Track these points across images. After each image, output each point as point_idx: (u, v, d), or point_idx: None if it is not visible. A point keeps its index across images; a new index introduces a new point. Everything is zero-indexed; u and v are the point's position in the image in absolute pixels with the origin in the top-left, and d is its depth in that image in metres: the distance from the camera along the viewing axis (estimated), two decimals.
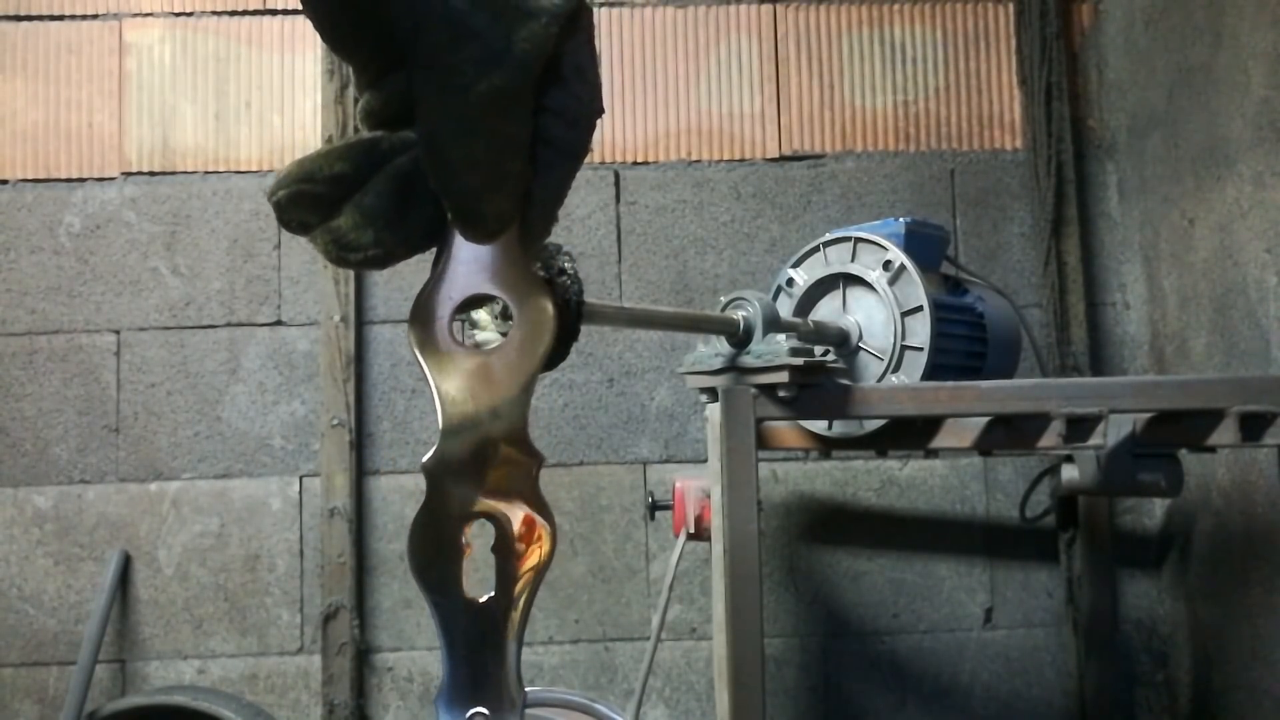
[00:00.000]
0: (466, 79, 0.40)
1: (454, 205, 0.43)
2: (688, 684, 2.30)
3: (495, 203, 0.43)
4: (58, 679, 2.23)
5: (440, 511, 0.43)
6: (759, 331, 1.40)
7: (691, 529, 1.88)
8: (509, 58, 0.40)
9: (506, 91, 0.41)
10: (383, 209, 0.44)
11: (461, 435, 0.43)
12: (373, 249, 0.44)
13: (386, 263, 0.45)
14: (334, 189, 0.43)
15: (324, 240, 0.44)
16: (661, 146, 2.41)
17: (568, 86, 0.44)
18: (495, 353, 0.44)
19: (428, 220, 0.45)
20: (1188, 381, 1.48)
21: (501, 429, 0.43)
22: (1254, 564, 1.95)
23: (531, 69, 0.41)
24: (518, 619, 0.43)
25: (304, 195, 0.43)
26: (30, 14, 2.37)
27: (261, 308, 2.33)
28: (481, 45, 0.40)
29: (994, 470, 2.35)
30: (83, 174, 2.35)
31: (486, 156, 0.42)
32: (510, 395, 0.44)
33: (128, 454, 2.29)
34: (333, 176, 0.43)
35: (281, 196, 0.43)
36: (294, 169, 0.43)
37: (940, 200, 2.41)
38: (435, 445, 0.43)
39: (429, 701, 2.27)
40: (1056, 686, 2.31)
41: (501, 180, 0.43)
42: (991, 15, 2.45)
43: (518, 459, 0.43)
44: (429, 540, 0.42)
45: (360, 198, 0.43)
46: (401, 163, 0.44)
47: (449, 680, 0.42)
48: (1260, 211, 1.88)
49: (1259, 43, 1.87)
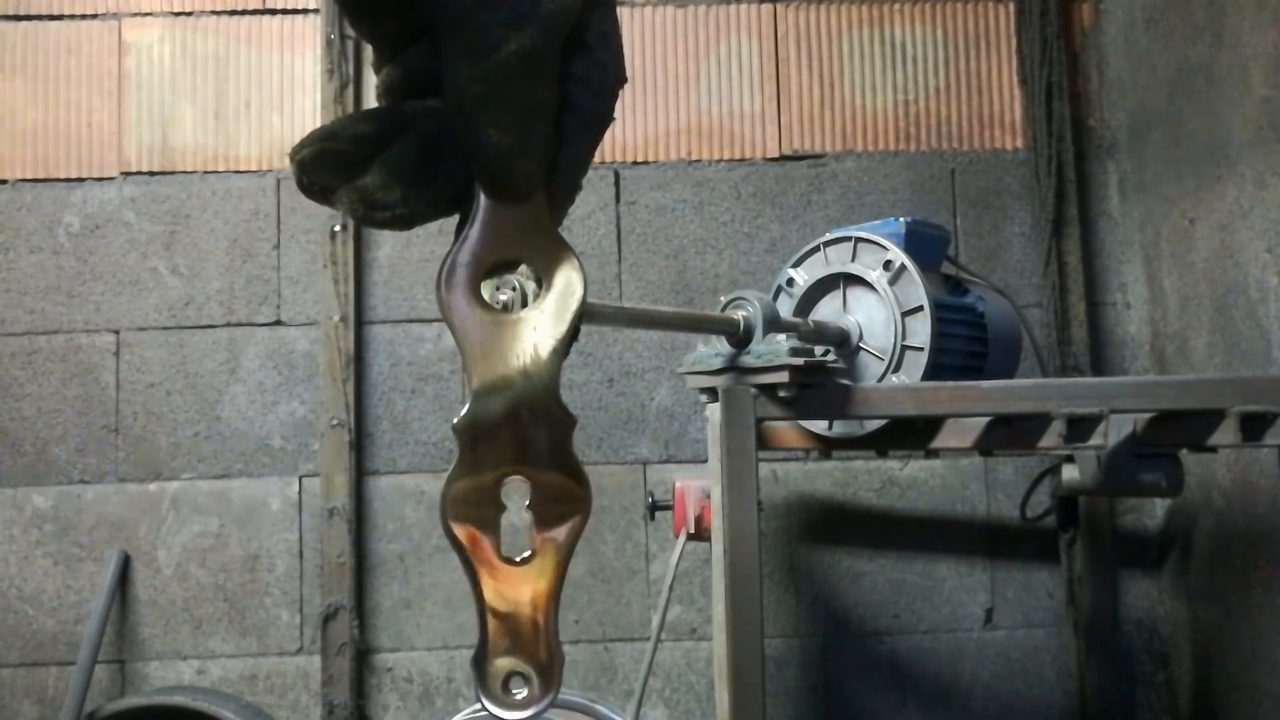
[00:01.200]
0: (494, 39, 0.40)
1: (481, 167, 0.43)
2: (688, 684, 2.30)
3: (522, 165, 0.43)
4: (57, 679, 2.22)
5: (474, 470, 0.42)
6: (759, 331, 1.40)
7: (691, 529, 1.88)
8: (536, 19, 0.40)
9: (533, 53, 0.40)
10: (410, 168, 0.43)
11: (493, 396, 0.43)
12: (400, 207, 0.43)
13: (412, 222, 0.45)
14: (359, 147, 0.43)
15: (350, 199, 0.43)
16: (661, 146, 2.40)
17: (593, 54, 0.44)
18: (525, 316, 0.44)
19: (454, 183, 0.44)
20: (1188, 381, 1.48)
21: (533, 390, 0.43)
22: (1255, 564, 1.95)
23: (558, 31, 0.41)
24: (555, 578, 0.42)
25: (328, 153, 0.43)
26: (29, 14, 2.36)
27: (261, 308, 2.33)
28: (509, 6, 0.40)
29: (994, 470, 2.35)
30: (82, 174, 2.35)
31: (513, 118, 0.42)
32: (542, 358, 0.43)
33: (127, 454, 2.28)
34: (357, 135, 0.43)
35: (306, 154, 0.43)
36: (317, 131, 0.43)
37: (941, 200, 2.41)
38: (467, 405, 0.43)
39: (429, 702, 2.27)
40: (1057, 687, 2.31)
41: (528, 142, 0.43)
42: (992, 15, 2.45)
43: (551, 420, 0.43)
44: (463, 499, 0.42)
45: (388, 155, 0.43)
46: (429, 124, 0.44)
47: (485, 640, 0.42)
48: (1261, 211, 1.87)
49: (1260, 42, 1.87)
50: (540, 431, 0.43)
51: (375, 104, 0.47)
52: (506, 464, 0.43)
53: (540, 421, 0.43)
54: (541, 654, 0.42)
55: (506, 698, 0.42)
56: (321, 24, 2.35)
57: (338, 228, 2.29)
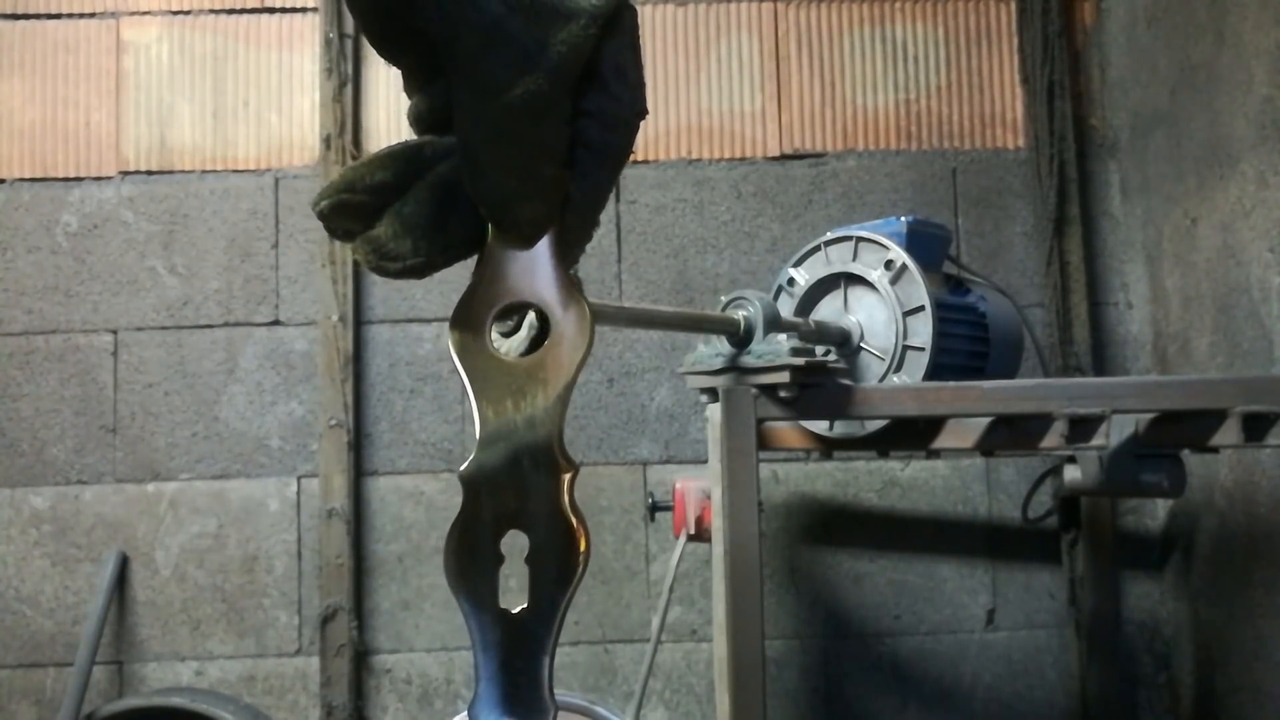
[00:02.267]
0: (500, 84, 0.40)
1: (488, 210, 0.43)
2: (688, 686, 2.29)
3: (529, 208, 0.43)
4: (55, 680, 2.22)
5: (477, 520, 0.43)
6: (760, 331, 1.39)
7: (692, 530, 1.87)
8: (544, 62, 0.40)
9: (540, 97, 0.40)
10: (421, 218, 0.44)
11: (498, 445, 0.43)
12: (411, 258, 0.44)
13: (426, 271, 0.45)
14: (375, 198, 0.44)
15: (364, 250, 0.44)
16: (662, 145, 2.40)
17: (607, 88, 0.43)
18: (533, 361, 0.44)
19: (469, 228, 0.44)
20: (1190, 382, 1.47)
21: (537, 439, 0.43)
22: (1257, 565, 1.94)
23: (567, 74, 0.41)
24: (551, 632, 0.43)
25: (346, 205, 0.44)
26: (28, 13, 2.36)
27: (259, 307, 2.32)
28: (516, 50, 0.40)
29: (996, 471, 2.34)
30: (80, 173, 2.34)
31: (520, 162, 0.42)
32: (547, 405, 0.43)
33: (125, 454, 2.28)
34: (374, 185, 0.44)
35: (325, 206, 0.44)
36: (337, 179, 0.44)
37: (942, 199, 2.40)
38: (473, 454, 0.43)
39: (428, 703, 2.26)
40: (1059, 688, 2.30)
41: (536, 185, 0.43)
42: (993, 13, 2.44)
43: (551, 470, 0.43)
44: (465, 549, 0.43)
45: (400, 206, 0.44)
46: (442, 170, 0.44)
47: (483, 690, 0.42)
48: (1263, 211, 1.87)
49: (1262, 41, 1.86)
50: (541, 482, 0.43)
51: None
52: (506, 517, 0.43)
53: (541, 471, 0.43)
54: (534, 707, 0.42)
55: None
56: (320, 23, 2.35)
57: None
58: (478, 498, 0.43)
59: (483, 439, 0.43)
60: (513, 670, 0.42)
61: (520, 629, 0.42)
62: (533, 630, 0.42)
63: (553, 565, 0.43)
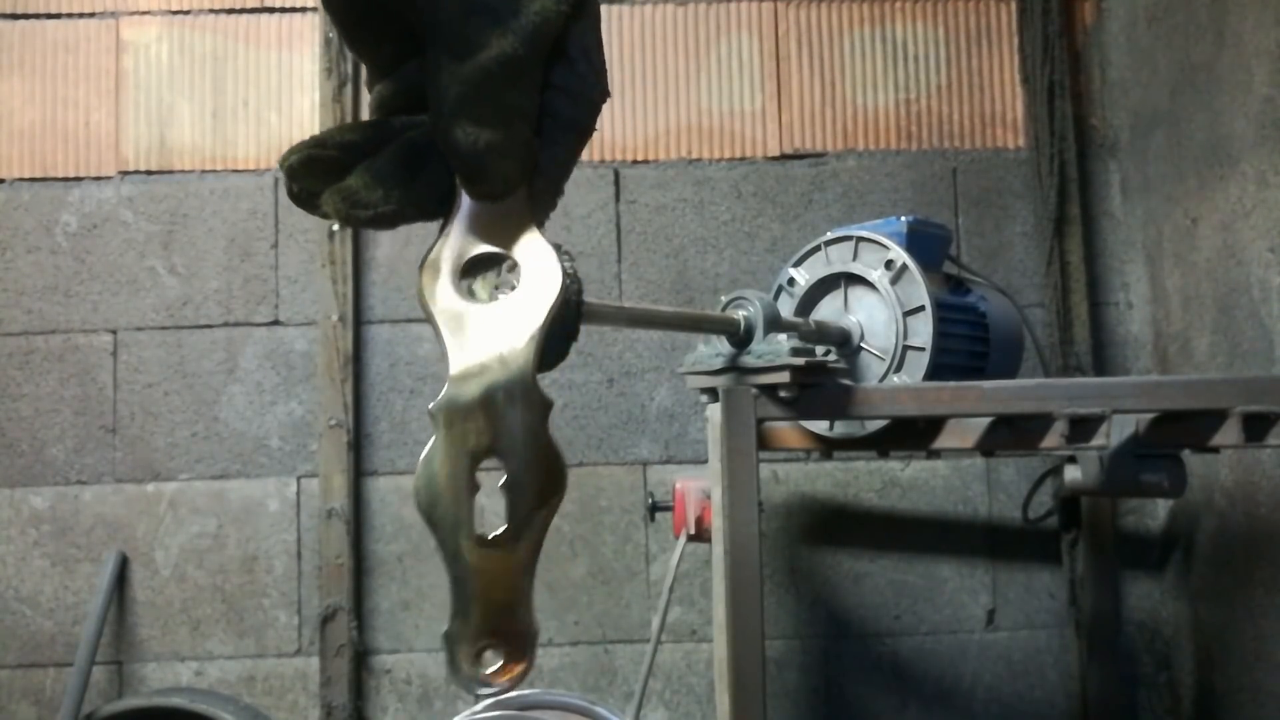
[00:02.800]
0: (477, 44, 0.42)
1: (460, 163, 0.45)
2: (688, 686, 2.29)
3: (500, 162, 0.45)
4: (55, 680, 2.21)
5: (450, 451, 0.43)
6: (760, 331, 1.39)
7: (692, 530, 1.87)
8: (518, 28, 0.42)
9: (514, 59, 0.42)
10: (393, 171, 0.45)
11: (470, 381, 0.44)
12: (383, 205, 0.45)
13: (396, 221, 0.46)
14: (345, 154, 0.45)
15: (334, 200, 0.45)
16: (662, 145, 2.39)
17: (574, 66, 0.46)
18: (502, 305, 0.45)
19: (438, 187, 0.46)
20: (1191, 382, 1.47)
21: (511, 374, 0.44)
22: (1257, 565, 1.94)
23: (539, 42, 0.43)
24: (529, 555, 0.43)
25: (316, 160, 0.45)
26: (27, 12, 2.36)
27: (259, 307, 2.32)
28: (492, 16, 0.42)
29: (996, 471, 2.34)
30: (79, 173, 2.34)
31: (493, 117, 0.43)
32: (518, 344, 0.44)
33: (125, 454, 2.27)
34: (344, 143, 0.45)
35: (294, 160, 0.45)
36: (306, 140, 0.45)
37: (942, 199, 2.40)
38: (444, 390, 0.44)
39: (428, 704, 2.26)
40: (1059, 688, 2.30)
41: (508, 144, 0.44)
42: (993, 13, 2.44)
43: (528, 403, 0.44)
44: (438, 478, 0.43)
45: (372, 161, 0.45)
46: (413, 135, 0.46)
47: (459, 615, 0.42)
48: (1263, 211, 1.86)
49: (1262, 41, 1.86)
50: (516, 414, 0.44)
51: None
52: (482, 446, 0.43)
53: (516, 404, 0.44)
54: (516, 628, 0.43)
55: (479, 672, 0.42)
56: (320, 22, 2.35)
57: (335, 227, 2.28)
58: (451, 429, 0.43)
59: (455, 376, 0.44)
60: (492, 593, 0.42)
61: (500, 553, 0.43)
62: (513, 554, 0.43)
63: (533, 490, 0.43)
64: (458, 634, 0.42)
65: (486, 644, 0.42)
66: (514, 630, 0.42)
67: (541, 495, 0.44)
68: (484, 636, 0.42)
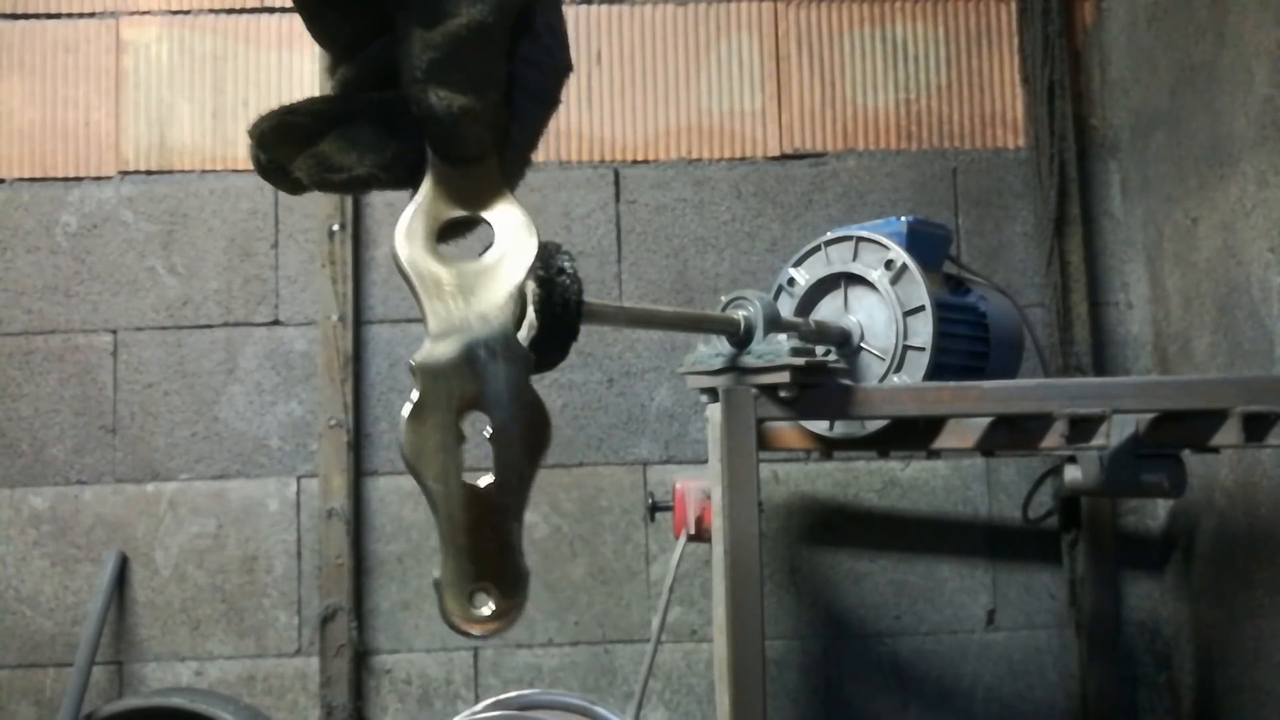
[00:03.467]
0: (448, 11, 0.43)
1: (433, 127, 0.45)
2: (688, 686, 2.29)
3: (473, 126, 0.45)
4: (55, 681, 2.21)
5: (434, 403, 0.44)
6: (760, 331, 1.39)
7: (692, 530, 1.87)
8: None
9: (484, 26, 0.43)
10: (367, 137, 0.46)
11: (450, 337, 0.45)
12: (357, 168, 0.46)
13: (369, 185, 0.47)
14: (316, 121, 0.46)
15: (306, 165, 0.46)
16: (662, 145, 2.39)
17: (540, 40, 0.47)
18: (480, 265, 0.46)
19: (409, 153, 0.47)
20: (1191, 382, 1.47)
21: (492, 330, 0.45)
22: (1257, 565, 1.94)
23: (506, 10, 0.44)
24: (522, 501, 0.44)
25: (286, 125, 0.45)
26: (27, 12, 2.36)
27: (259, 307, 2.32)
28: None
29: (996, 471, 2.34)
30: (79, 173, 2.34)
31: (464, 82, 0.44)
32: (497, 301, 0.45)
33: (125, 454, 2.27)
34: (315, 111, 0.46)
35: (265, 127, 0.45)
36: (276, 109, 0.46)
37: (942, 199, 2.40)
38: (424, 345, 0.44)
39: (428, 704, 2.26)
40: (1059, 688, 2.30)
41: (481, 108, 0.45)
42: (993, 13, 2.44)
43: (509, 358, 0.45)
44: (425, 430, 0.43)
45: (344, 128, 0.46)
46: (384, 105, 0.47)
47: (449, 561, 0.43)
48: (1264, 210, 1.86)
49: (1262, 41, 1.86)
50: (499, 368, 0.45)
51: None
52: (466, 398, 0.44)
53: (499, 359, 0.45)
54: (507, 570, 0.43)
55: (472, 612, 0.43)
56: None
57: (336, 227, 2.28)
58: (434, 383, 0.44)
59: (434, 334, 0.44)
60: (481, 538, 0.43)
61: (488, 500, 0.44)
62: (501, 500, 0.44)
63: (518, 441, 0.44)
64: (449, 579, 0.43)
65: (477, 587, 0.43)
66: (504, 573, 0.43)
67: (528, 446, 0.44)
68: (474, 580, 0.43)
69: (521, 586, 0.44)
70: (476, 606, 0.43)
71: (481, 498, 0.44)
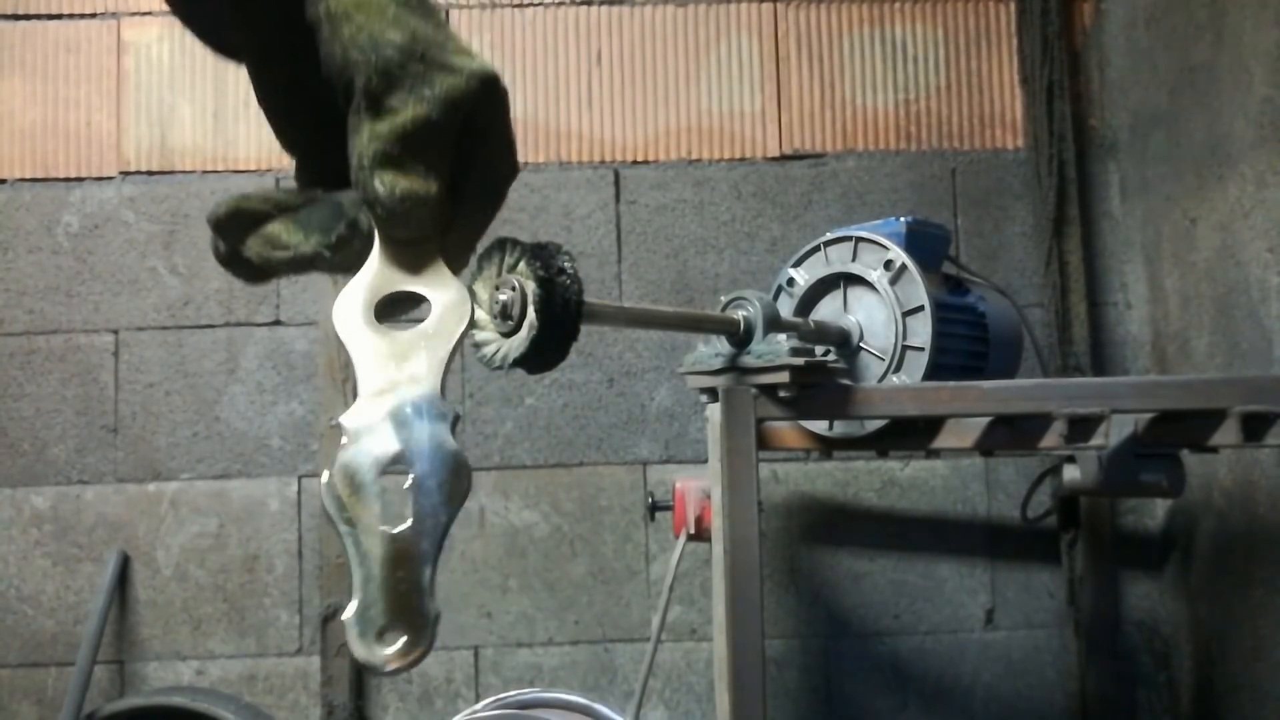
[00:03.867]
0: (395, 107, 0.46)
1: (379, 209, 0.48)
2: (688, 685, 2.29)
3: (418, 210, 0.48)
4: (56, 680, 2.22)
5: (359, 458, 0.47)
6: (759, 331, 1.39)
7: (692, 530, 1.88)
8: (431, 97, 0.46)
9: (429, 120, 0.46)
10: (315, 219, 0.49)
11: (382, 396, 0.48)
12: (303, 246, 0.49)
13: (313, 265, 0.50)
14: (271, 208, 0.49)
15: (256, 244, 0.49)
16: (661, 145, 2.40)
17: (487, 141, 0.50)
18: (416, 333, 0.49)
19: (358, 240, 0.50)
20: (1190, 381, 1.47)
21: (421, 391, 0.48)
22: (1256, 564, 1.94)
23: (453, 111, 0.47)
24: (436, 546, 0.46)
25: (242, 211, 0.49)
26: (28, 13, 2.36)
27: (260, 307, 2.32)
28: (410, 86, 0.46)
29: (995, 471, 2.34)
30: (81, 173, 2.34)
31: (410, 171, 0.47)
32: (430, 365, 0.48)
33: (126, 454, 2.28)
34: (269, 198, 0.49)
35: (220, 212, 0.49)
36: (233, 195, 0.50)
37: (941, 199, 2.40)
38: (356, 404, 0.48)
39: (428, 703, 2.26)
40: (1058, 687, 2.30)
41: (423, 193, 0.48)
42: (992, 14, 2.44)
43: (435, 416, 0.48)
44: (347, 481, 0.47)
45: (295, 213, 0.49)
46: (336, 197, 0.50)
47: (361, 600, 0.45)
48: (1262, 211, 1.87)
49: (1261, 41, 1.86)
50: (423, 426, 0.47)
51: None
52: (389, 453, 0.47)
53: (424, 417, 0.47)
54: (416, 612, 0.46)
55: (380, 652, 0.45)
56: None
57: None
58: (358, 440, 0.47)
59: (365, 394, 0.48)
60: (394, 581, 0.45)
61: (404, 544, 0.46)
62: (416, 545, 0.46)
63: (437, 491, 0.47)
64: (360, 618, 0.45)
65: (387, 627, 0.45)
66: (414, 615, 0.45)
67: (447, 495, 0.47)
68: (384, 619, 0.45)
69: (429, 628, 0.46)
70: (385, 646, 0.45)
71: (398, 541, 0.46)
